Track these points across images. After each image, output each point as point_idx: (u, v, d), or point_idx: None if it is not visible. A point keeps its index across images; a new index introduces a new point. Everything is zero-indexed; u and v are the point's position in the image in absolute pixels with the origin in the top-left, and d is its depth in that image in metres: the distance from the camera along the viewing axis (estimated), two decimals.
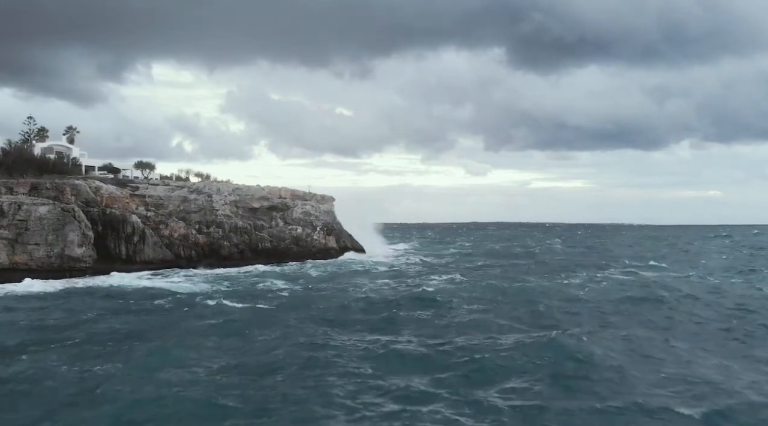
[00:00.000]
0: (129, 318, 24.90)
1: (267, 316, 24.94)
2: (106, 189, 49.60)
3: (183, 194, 52.82)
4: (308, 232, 55.97)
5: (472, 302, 28.16)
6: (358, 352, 18.63)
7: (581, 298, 30.56)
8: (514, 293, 31.70)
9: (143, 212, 50.23)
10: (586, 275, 42.44)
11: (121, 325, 23.18)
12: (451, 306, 26.94)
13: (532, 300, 29.01)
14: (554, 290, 33.27)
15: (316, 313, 25.64)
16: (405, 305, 27.07)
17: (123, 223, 47.68)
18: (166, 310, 27.31)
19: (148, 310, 26.99)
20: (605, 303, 28.96)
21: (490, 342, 19.89)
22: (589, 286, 35.71)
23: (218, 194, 54.01)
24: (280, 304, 27.87)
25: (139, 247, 47.85)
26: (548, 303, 28.25)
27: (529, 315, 25.45)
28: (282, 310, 26.26)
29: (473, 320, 23.99)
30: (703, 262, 55.66)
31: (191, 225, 51.50)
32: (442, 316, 24.93)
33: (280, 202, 56.85)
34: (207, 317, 24.60)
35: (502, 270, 46.64)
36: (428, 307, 26.56)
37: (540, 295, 30.78)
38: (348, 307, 27.07)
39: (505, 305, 27.70)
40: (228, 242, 52.17)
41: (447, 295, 30.31)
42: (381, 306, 27.01)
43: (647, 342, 20.30)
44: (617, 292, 32.84)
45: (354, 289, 33.49)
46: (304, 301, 28.31)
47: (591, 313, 26.44)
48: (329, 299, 29.19)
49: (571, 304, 28.58)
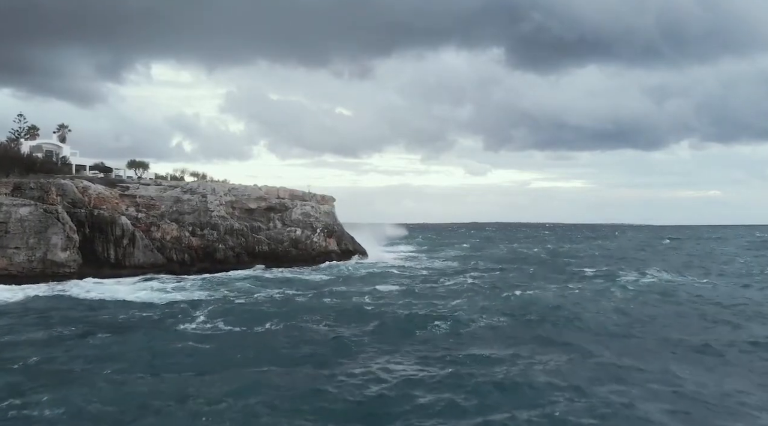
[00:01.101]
0: (72, 343, 20.11)
1: (259, 341, 21.00)
2: (94, 189, 46.94)
3: (176, 194, 50.18)
4: (308, 234, 53.34)
5: (495, 322, 24.50)
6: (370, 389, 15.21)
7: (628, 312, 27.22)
8: (546, 308, 27.71)
9: (133, 213, 47.60)
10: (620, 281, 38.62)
11: (61, 353, 18.69)
12: (473, 325, 23.85)
13: (567, 316, 25.97)
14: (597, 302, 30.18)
15: (318, 336, 22.04)
16: (422, 324, 23.54)
17: (111, 225, 45.08)
18: (128, 330, 22.73)
19: (103, 332, 22.36)
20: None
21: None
22: (620, 294, 32.46)
23: (213, 194, 51.37)
24: (276, 323, 24.47)
25: (129, 250, 45.24)
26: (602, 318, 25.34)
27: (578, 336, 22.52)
28: (274, 335, 21.97)
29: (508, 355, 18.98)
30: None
31: (184, 227, 48.87)
32: (469, 341, 20.84)
33: (278, 203, 54.21)
34: (177, 351, 19.18)
35: (518, 275, 43.87)
36: (449, 330, 22.72)
37: (589, 309, 27.55)
38: (357, 325, 23.92)
39: (543, 323, 24.32)
40: (223, 245, 49.54)
41: (467, 311, 26.54)
42: (395, 328, 23.05)
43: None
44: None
45: (360, 300, 30.22)
46: (304, 319, 25.00)
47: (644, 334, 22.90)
48: (334, 315, 25.74)
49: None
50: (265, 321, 24.31)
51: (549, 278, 41.80)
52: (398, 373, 16.36)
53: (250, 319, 24.52)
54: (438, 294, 32.45)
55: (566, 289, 34.76)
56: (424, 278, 42.85)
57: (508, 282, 37.80)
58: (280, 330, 22.67)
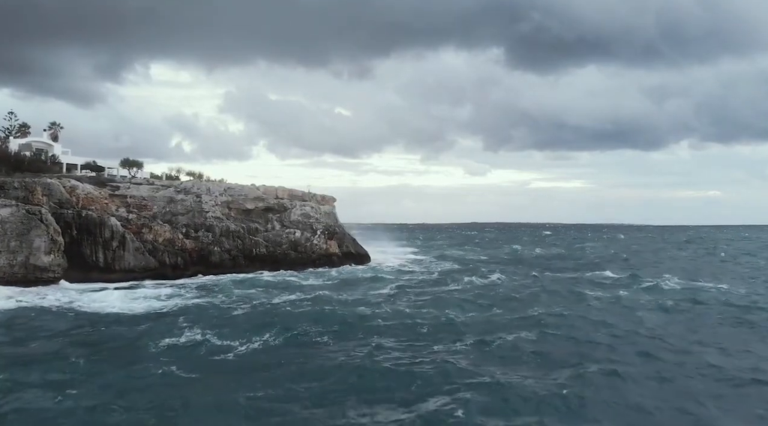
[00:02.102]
0: (34, 368, 16.97)
1: (255, 363, 18.06)
2: (82, 189, 44.47)
3: (169, 194, 47.70)
4: (308, 236, 50.87)
5: (524, 339, 21.56)
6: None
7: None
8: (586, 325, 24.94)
9: (124, 214, 45.13)
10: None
11: (18, 378, 15.76)
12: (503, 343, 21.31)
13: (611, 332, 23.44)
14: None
15: (321, 358, 19.28)
16: (446, 343, 20.72)
17: (100, 227, 42.61)
18: (106, 350, 19.65)
19: (76, 350, 19.52)
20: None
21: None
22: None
23: (208, 194, 48.90)
24: (276, 335, 21.81)
25: (119, 253, 42.78)
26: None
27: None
28: (272, 357, 18.78)
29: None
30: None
31: (178, 228, 46.40)
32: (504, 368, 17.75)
33: (277, 203, 51.73)
34: (159, 381, 16.03)
35: (530, 282, 41.35)
36: (476, 352, 19.61)
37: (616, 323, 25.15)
38: (364, 337, 21.43)
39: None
40: (219, 248, 47.07)
41: (489, 326, 23.77)
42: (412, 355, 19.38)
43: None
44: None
45: (366, 311, 27.07)
46: (306, 332, 22.29)
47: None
48: (338, 328, 23.08)
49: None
50: (264, 332, 21.88)
51: (564, 285, 39.36)
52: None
53: (247, 332, 22.05)
54: (452, 303, 29.56)
55: (586, 299, 32.34)
56: (434, 282, 40.39)
57: (523, 291, 35.05)
58: (280, 349, 20.14)
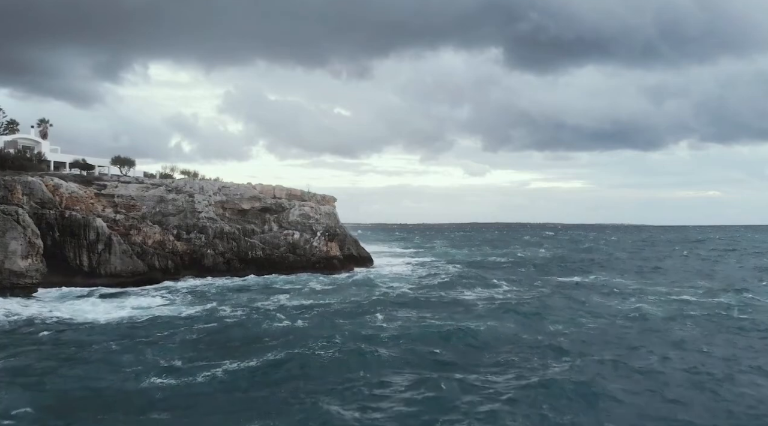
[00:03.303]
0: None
1: (252, 396, 15.27)
2: (66, 187, 41.63)
3: (159, 193, 44.85)
4: (307, 238, 48.00)
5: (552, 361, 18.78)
6: None
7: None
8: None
9: (111, 215, 42.31)
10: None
11: None
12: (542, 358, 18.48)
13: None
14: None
15: (330, 384, 16.06)
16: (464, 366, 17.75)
17: (85, 228, 39.79)
18: (73, 378, 16.37)
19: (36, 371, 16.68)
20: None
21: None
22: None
23: (201, 194, 46.05)
24: (276, 353, 18.94)
25: (104, 256, 39.94)
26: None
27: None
28: (273, 383, 16.00)
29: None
30: None
31: (168, 230, 43.56)
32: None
33: (274, 203, 48.85)
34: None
35: (545, 290, 38.49)
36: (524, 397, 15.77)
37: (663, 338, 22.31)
38: (376, 361, 18.12)
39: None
40: (212, 250, 44.22)
41: (516, 343, 20.86)
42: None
43: None
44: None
45: (375, 324, 24.05)
46: (311, 352, 18.94)
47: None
48: (348, 348, 19.62)
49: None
50: (265, 354, 18.94)
51: (584, 293, 36.56)
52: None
53: (244, 354, 19.10)
54: (472, 315, 26.42)
55: (606, 312, 29.50)
56: (442, 287, 37.44)
57: (542, 301, 31.59)
58: (280, 373, 17.24)
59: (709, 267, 55.37)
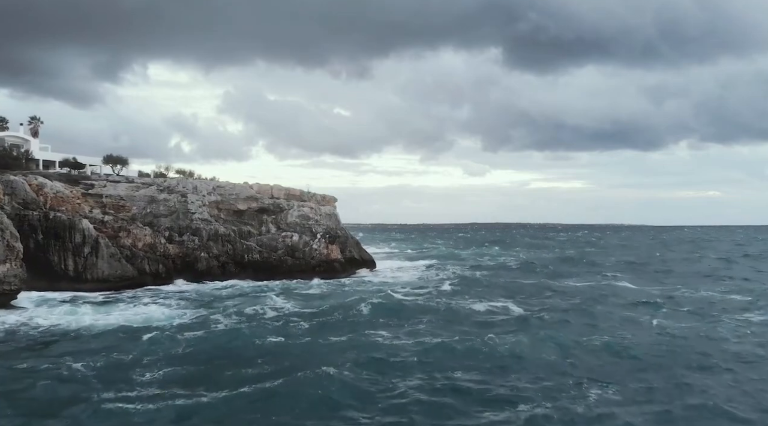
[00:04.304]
0: None
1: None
2: (51, 187, 39.33)
3: (150, 193, 42.49)
4: (306, 241, 45.60)
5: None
6: None
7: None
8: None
9: (98, 216, 39.98)
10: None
11: None
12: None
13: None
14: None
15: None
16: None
17: (70, 231, 37.50)
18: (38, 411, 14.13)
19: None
20: None
21: None
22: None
23: (195, 193, 43.68)
24: (272, 381, 16.24)
25: (91, 260, 37.63)
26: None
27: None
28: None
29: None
30: None
31: (160, 232, 41.21)
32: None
33: (272, 203, 46.46)
34: None
35: (563, 299, 36.06)
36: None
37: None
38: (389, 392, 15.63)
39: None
40: (206, 253, 41.85)
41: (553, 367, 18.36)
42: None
43: None
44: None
45: (390, 341, 21.22)
46: (315, 372, 16.56)
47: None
48: (357, 370, 17.16)
49: None
50: (253, 382, 16.26)
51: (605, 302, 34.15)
52: None
53: (229, 381, 16.58)
54: (489, 330, 23.42)
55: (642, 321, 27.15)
56: (452, 293, 35.05)
57: (566, 312, 29.18)
58: (269, 410, 14.73)
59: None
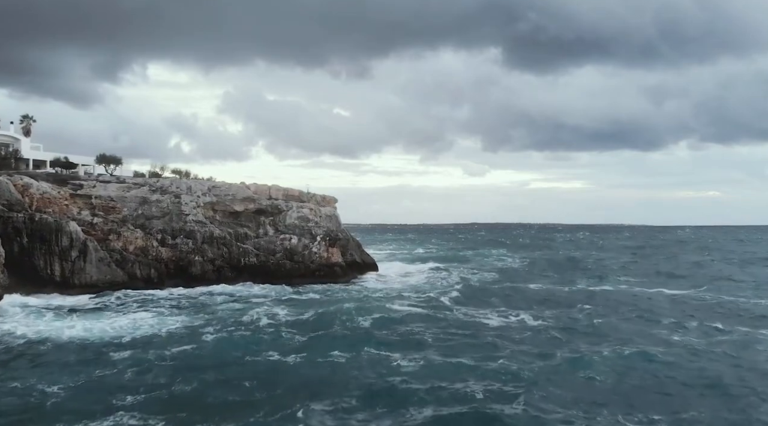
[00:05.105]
0: None
1: None
2: (37, 187, 37.47)
3: (142, 194, 40.59)
4: (306, 243, 43.66)
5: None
6: None
7: None
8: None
9: (87, 218, 38.10)
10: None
11: None
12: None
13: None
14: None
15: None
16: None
17: (57, 233, 35.61)
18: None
19: None
20: None
21: None
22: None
23: (189, 194, 41.76)
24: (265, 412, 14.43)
25: (79, 264, 35.76)
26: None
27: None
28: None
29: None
30: None
31: (152, 235, 39.31)
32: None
33: (270, 205, 44.53)
34: None
35: (587, 313, 33.78)
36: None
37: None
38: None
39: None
40: (200, 257, 39.92)
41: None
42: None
43: None
44: None
45: (404, 382, 17.48)
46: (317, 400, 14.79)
47: None
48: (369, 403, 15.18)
49: None
50: (240, 418, 14.40)
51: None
52: None
53: (214, 415, 14.63)
54: (510, 350, 20.93)
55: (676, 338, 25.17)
56: (462, 301, 32.89)
57: (595, 326, 26.71)
58: None
59: None
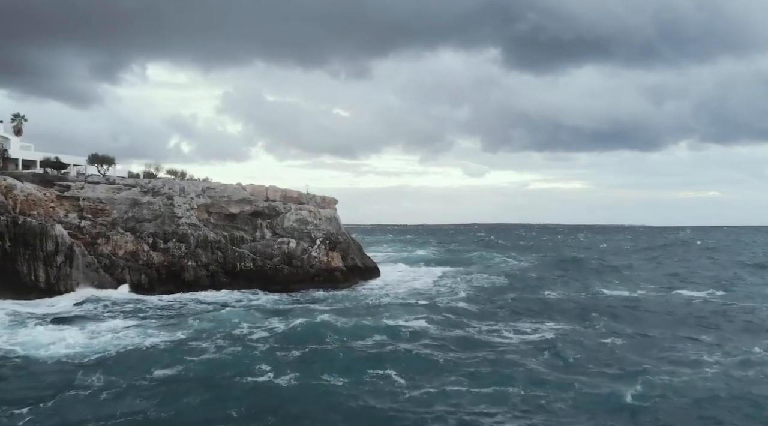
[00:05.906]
0: None
1: None
2: (21, 189, 35.63)
3: (133, 196, 38.74)
4: (305, 247, 41.74)
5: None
6: None
7: None
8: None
9: (74, 221, 36.28)
10: None
11: None
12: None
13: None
14: None
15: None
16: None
17: (41, 237, 33.82)
18: None
19: None
20: None
21: None
22: None
23: (182, 196, 39.89)
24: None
25: (65, 270, 33.96)
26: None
27: None
28: None
29: None
30: None
31: (143, 238, 37.46)
32: None
33: (267, 206, 42.64)
34: None
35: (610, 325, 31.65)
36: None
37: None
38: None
39: None
40: (194, 262, 38.05)
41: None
42: None
43: None
44: None
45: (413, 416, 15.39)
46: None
47: None
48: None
49: None
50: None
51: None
52: None
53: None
54: (532, 377, 18.46)
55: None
56: (472, 313, 30.72)
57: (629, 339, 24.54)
58: None
59: None
